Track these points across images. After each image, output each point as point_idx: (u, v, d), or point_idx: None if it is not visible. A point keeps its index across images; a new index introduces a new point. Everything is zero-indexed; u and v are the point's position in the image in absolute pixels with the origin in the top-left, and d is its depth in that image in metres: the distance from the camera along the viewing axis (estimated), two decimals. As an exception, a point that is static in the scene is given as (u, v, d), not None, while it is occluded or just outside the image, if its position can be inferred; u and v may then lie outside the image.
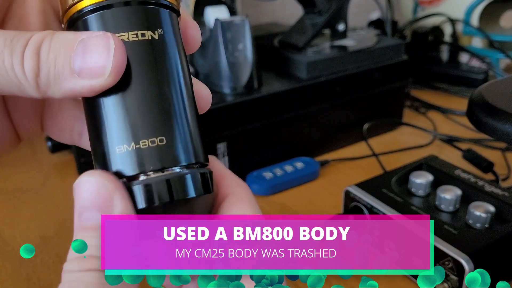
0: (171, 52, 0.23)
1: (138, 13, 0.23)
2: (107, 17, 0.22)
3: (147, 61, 0.23)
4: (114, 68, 0.22)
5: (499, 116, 0.43)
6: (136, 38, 0.22)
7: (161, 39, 0.23)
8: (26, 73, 0.21)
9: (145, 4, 0.23)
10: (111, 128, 0.22)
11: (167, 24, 0.24)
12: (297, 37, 0.74)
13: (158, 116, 0.22)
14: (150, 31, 0.23)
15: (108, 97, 0.22)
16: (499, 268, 0.47)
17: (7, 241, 0.56)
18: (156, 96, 0.23)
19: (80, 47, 0.22)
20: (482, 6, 1.02)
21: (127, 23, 0.22)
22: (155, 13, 0.23)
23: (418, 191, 0.54)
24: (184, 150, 0.23)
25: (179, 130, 0.23)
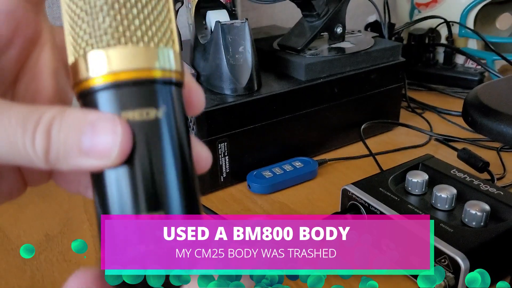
0: (173, 128, 0.24)
1: (142, 93, 0.24)
2: (115, 96, 0.23)
3: (151, 139, 0.24)
4: (120, 151, 0.23)
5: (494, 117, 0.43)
6: (141, 118, 0.23)
7: (164, 116, 0.24)
8: (37, 151, 0.23)
9: (152, 83, 0.24)
10: (113, 201, 0.23)
11: (172, 100, 0.25)
12: (296, 39, 0.75)
13: (158, 192, 0.23)
14: (155, 109, 0.24)
15: (114, 171, 0.23)
16: (495, 266, 0.48)
17: (12, 240, 0.56)
18: (157, 172, 0.24)
19: (89, 129, 0.23)
20: (478, 8, 1.03)
21: (133, 102, 0.23)
22: (158, 91, 0.24)
23: (414, 190, 0.55)
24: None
25: (177, 204, 0.24)
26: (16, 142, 0.22)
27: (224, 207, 0.62)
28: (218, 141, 0.63)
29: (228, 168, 0.65)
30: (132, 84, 0.23)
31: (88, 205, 0.63)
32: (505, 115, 0.42)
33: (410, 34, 1.05)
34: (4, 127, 0.22)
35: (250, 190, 0.65)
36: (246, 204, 0.63)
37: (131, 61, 0.23)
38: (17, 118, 0.22)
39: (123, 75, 0.23)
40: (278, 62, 0.74)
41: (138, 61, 0.24)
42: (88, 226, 0.59)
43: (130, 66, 0.23)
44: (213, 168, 0.64)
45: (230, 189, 0.67)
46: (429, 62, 1.04)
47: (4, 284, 0.50)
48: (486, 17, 1.12)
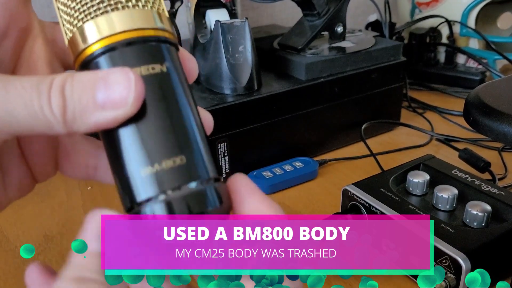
0: (179, 82, 0.26)
1: (145, 50, 0.25)
2: (117, 57, 0.25)
3: (160, 90, 0.25)
4: (136, 97, 0.23)
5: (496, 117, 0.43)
6: (148, 72, 0.25)
7: (168, 71, 0.25)
8: (54, 111, 0.23)
9: (148, 41, 0.25)
10: (134, 154, 0.24)
11: (171, 57, 0.26)
12: (296, 39, 0.75)
13: (176, 138, 0.24)
14: (159, 64, 0.25)
15: (128, 126, 0.24)
16: (496, 266, 0.48)
17: (11, 240, 0.56)
18: (171, 121, 0.24)
19: (101, 82, 0.23)
20: (479, 8, 1.02)
21: (137, 59, 0.25)
22: (159, 49, 0.26)
23: (415, 190, 0.54)
24: (202, 167, 0.25)
25: (196, 149, 0.25)
26: (33, 106, 0.23)
27: (224, 208, 0.62)
28: (218, 141, 0.63)
29: (228, 168, 0.65)
30: (131, 44, 0.25)
31: (87, 205, 0.63)
32: (506, 115, 0.42)
33: (411, 33, 1.05)
34: (19, 93, 0.23)
35: (250, 190, 0.65)
36: (246, 204, 0.63)
37: (127, 22, 0.25)
38: (31, 84, 0.23)
39: (123, 36, 0.24)
40: (278, 61, 0.74)
41: (136, 21, 0.25)
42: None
43: (127, 27, 0.25)
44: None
45: (230, 189, 0.66)
46: (430, 61, 1.04)
47: (3, 285, 0.50)
48: (487, 16, 1.11)
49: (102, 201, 0.64)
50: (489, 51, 1.01)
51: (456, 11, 1.04)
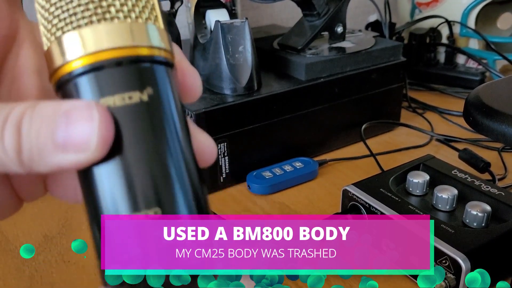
0: (163, 111, 0.22)
1: (122, 75, 0.21)
2: (92, 81, 0.21)
3: (137, 125, 0.21)
4: (100, 141, 0.20)
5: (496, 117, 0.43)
6: (123, 102, 0.21)
7: (151, 99, 0.21)
8: (7, 150, 0.20)
9: (135, 62, 0.21)
10: (103, 201, 0.21)
11: (159, 81, 0.22)
12: (296, 39, 0.75)
13: (151, 186, 0.21)
14: (138, 92, 0.21)
15: (98, 169, 0.21)
16: (496, 267, 0.48)
17: (10, 240, 0.56)
18: (149, 163, 0.21)
19: (63, 119, 0.20)
20: (479, 8, 1.02)
21: (113, 85, 0.21)
22: (144, 72, 0.22)
23: (415, 191, 0.54)
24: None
25: (175, 199, 0.22)
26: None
27: (224, 208, 0.62)
28: (218, 141, 0.63)
29: (227, 169, 0.65)
30: (110, 66, 0.21)
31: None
32: (506, 115, 0.42)
33: (411, 33, 1.05)
34: None
35: (250, 190, 0.65)
36: (246, 205, 0.63)
37: (106, 39, 0.21)
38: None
39: (98, 56, 0.21)
40: (278, 61, 0.74)
41: (114, 39, 0.21)
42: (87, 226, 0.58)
43: (106, 46, 0.21)
44: (213, 169, 0.64)
45: (229, 189, 0.66)
46: (430, 62, 1.04)
47: (3, 285, 0.50)
48: (487, 16, 1.11)
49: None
50: (489, 52, 1.01)
51: (456, 11, 1.04)
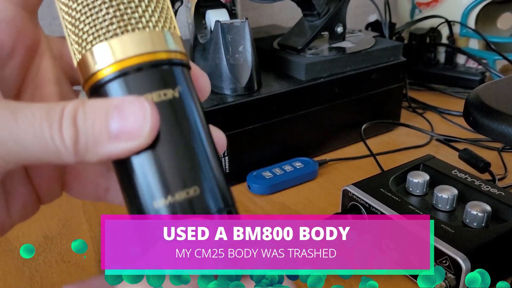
0: (191, 106, 0.25)
1: (156, 75, 0.24)
2: (129, 83, 0.24)
3: (172, 118, 0.24)
4: (151, 128, 0.22)
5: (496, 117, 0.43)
6: (160, 98, 0.24)
7: (181, 96, 0.24)
8: (66, 142, 0.22)
9: (160, 65, 0.24)
10: (146, 184, 0.23)
11: (183, 80, 0.25)
12: (296, 39, 0.75)
13: (189, 168, 0.24)
14: (171, 89, 0.24)
15: (141, 156, 0.23)
16: (496, 267, 0.48)
17: (11, 241, 0.56)
18: (184, 150, 0.24)
19: (115, 111, 0.22)
20: (479, 8, 1.02)
21: (149, 85, 0.24)
22: (171, 72, 0.25)
23: (415, 191, 0.54)
24: (215, 197, 0.24)
25: (209, 178, 0.24)
26: (44, 136, 0.22)
27: (223, 208, 0.62)
28: (218, 141, 0.62)
29: (227, 169, 0.65)
30: (143, 68, 0.24)
31: (86, 206, 0.63)
32: (506, 115, 0.42)
33: (411, 33, 1.05)
34: (30, 122, 0.22)
35: (250, 190, 0.65)
36: (246, 205, 0.63)
37: (139, 46, 0.24)
38: (41, 112, 0.22)
39: (133, 60, 0.24)
40: (278, 61, 0.74)
41: (146, 45, 0.24)
42: (87, 227, 0.58)
43: (139, 51, 0.24)
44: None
45: (230, 189, 0.66)
46: (430, 62, 1.04)
47: (3, 285, 0.50)
48: (487, 16, 1.11)
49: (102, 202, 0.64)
50: (489, 52, 1.01)
51: (456, 11, 1.04)
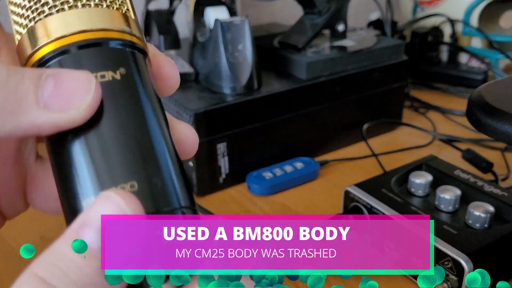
0: (136, 91, 0.23)
1: (97, 55, 0.22)
2: (69, 61, 0.22)
3: (110, 102, 0.22)
4: (91, 103, 0.20)
5: (499, 117, 0.43)
6: (99, 80, 0.22)
7: (123, 79, 0.22)
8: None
9: (106, 45, 0.22)
10: (77, 178, 0.21)
11: (130, 63, 0.23)
12: (296, 37, 0.74)
13: (125, 160, 0.21)
14: (111, 71, 0.22)
15: (73, 141, 0.21)
16: (499, 268, 0.48)
17: (8, 241, 0.56)
18: (123, 138, 0.21)
19: (51, 78, 0.20)
20: (482, 6, 1.02)
21: (87, 65, 0.22)
22: (116, 53, 0.23)
23: (417, 191, 0.54)
24: (157, 195, 0.22)
25: (151, 173, 0.22)
26: None
27: (223, 209, 0.62)
28: (217, 141, 0.62)
29: (227, 169, 0.65)
30: (83, 47, 0.22)
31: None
32: (509, 114, 0.42)
33: (413, 32, 1.05)
34: None
35: (250, 191, 0.65)
36: (245, 206, 0.63)
37: (85, 21, 0.22)
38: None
39: (77, 37, 0.22)
40: (279, 60, 0.74)
41: (94, 21, 0.22)
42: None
43: (81, 28, 0.22)
44: (212, 169, 0.63)
45: (229, 190, 0.66)
46: (432, 60, 1.04)
47: (0, 286, 0.49)
48: (490, 15, 1.11)
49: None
50: (492, 50, 1.01)
51: (458, 9, 1.04)
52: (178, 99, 0.63)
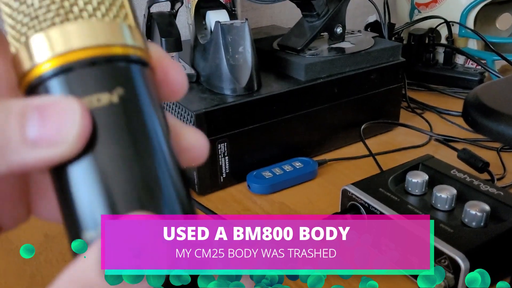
0: (136, 113, 0.21)
1: (90, 76, 0.20)
2: (60, 83, 0.20)
3: (106, 128, 0.20)
4: (79, 135, 0.19)
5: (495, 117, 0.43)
6: (91, 105, 0.19)
7: (121, 101, 0.20)
8: None
9: (100, 63, 0.20)
10: (75, 208, 0.20)
11: (131, 81, 0.21)
12: (295, 39, 0.75)
13: (127, 190, 0.20)
14: (107, 93, 0.20)
15: (67, 171, 0.20)
16: (495, 266, 0.48)
17: (11, 240, 0.56)
18: (122, 167, 0.20)
19: (35, 113, 0.18)
20: (478, 8, 1.03)
21: (78, 89, 0.20)
22: (112, 72, 0.20)
23: (414, 190, 0.55)
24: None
25: (153, 204, 0.21)
26: None
27: (224, 207, 0.62)
28: (218, 141, 0.63)
29: (228, 168, 0.65)
30: (77, 67, 0.20)
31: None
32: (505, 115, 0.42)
33: (410, 34, 1.05)
34: None
35: (250, 190, 0.65)
36: (246, 205, 0.63)
37: (70, 40, 0.20)
38: None
39: (66, 57, 0.20)
40: (278, 62, 0.74)
41: (77, 39, 0.20)
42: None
43: (71, 46, 0.20)
44: (213, 168, 0.64)
45: (230, 189, 0.67)
46: (429, 62, 1.04)
47: (4, 284, 0.50)
48: (486, 17, 1.12)
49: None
50: (488, 52, 1.02)
51: (455, 12, 1.04)
52: (179, 100, 0.63)
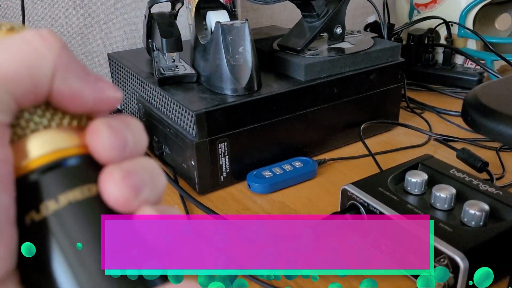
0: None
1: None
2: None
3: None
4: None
5: (494, 117, 0.43)
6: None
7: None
8: None
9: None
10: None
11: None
12: (295, 40, 0.75)
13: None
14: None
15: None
16: (494, 265, 0.48)
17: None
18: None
19: None
20: (477, 9, 1.03)
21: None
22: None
23: (413, 190, 0.55)
24: None
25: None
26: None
27: (224, 207, 0.62)
28: (218, 141, 0.63)
29: (228, 168, 0.65)
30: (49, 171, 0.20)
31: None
32: (504, 115, 0.43)
33: (409, 34, 1.05)
34: None
35: (250, 189, 0.66)
36: (246, 204, 0.63)
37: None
38: None
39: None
40: (278, 62, 0.75)
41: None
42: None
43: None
44: (213, 168, 0.64)
45: (230, 188, 0.67)
46: (428, 62, 1.04)
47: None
48: (485, 17, 1.12)
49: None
50: (487, 52, 1.02)
51: (454, 12, 1.04)
52: (180, 100, 0.63)
